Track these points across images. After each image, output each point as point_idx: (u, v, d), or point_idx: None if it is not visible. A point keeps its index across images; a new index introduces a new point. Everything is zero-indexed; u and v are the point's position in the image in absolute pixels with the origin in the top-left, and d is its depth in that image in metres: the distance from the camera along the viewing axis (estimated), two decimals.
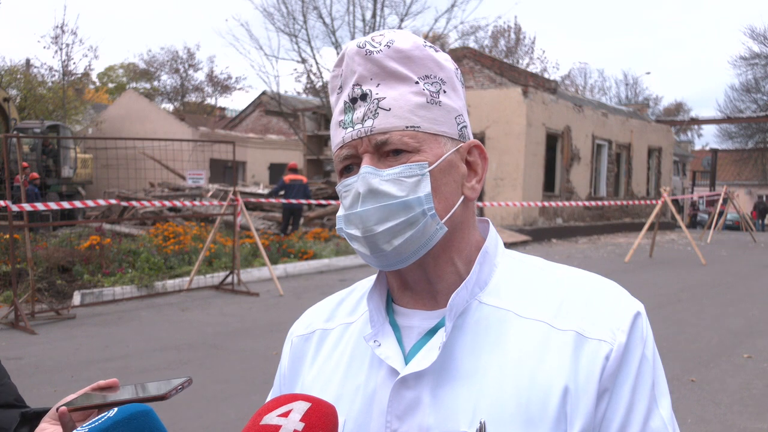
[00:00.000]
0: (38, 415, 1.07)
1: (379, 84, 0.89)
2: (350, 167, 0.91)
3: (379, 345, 0.91)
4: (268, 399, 1.07)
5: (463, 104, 0.95)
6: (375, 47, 0.89)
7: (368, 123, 0.88)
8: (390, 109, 0.87)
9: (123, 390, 0.98)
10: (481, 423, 0.82)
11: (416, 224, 0.86)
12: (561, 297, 0.89)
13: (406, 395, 0.87)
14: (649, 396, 0.84)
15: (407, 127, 0.87)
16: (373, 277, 0.99)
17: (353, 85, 0.90)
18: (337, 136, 0.92)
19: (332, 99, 0.95)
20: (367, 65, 0.89)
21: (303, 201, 13.48)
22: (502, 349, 0.86)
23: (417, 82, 0.89)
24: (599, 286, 0.91)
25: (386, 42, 0.90)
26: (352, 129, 0.89)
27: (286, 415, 0.78)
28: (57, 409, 0.95)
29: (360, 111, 0.89)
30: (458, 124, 0.93)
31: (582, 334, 0.84)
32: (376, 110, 0.88)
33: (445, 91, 0.91)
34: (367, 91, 0.89)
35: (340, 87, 0.93)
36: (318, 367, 0.99)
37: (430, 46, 0.93)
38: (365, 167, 0.87)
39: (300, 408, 0.79)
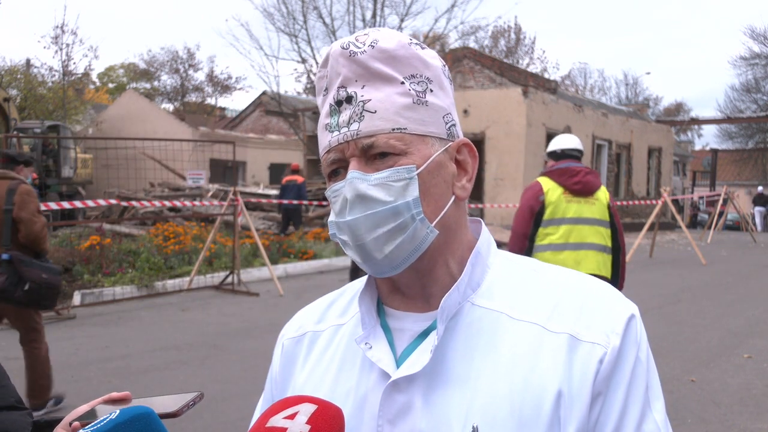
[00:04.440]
0: (50, 425, 1.06)
1: (364, 86, 0.87)
2: (338, 171, 0.89)
3: (371, 347, 0.90)
4: (260, 403, 1.07)
5: (451, 102, 0.93)
6: (359, 48, 0.87)
7: (354, 126, 0.86)
8: (376, 111, 0.86)
9: (135, 403, 0.97)
10: (473, 428, 0.81)
11: (405, 230, 0.85)
12: (554, 299, 0.88)
13: (397, 399, 0.86)
14: (642, 399, 0.83)
15: (393, 129, 0.86)
16: (365, 278, 0.98)
17: (338, 87, 0.88)
18: (324, 139, 0.90)
19: (318, 100, 0.94)
20: (351, 66, 0.87)
21: (294, 201, 13.85)
22: (495, 352, 0.85)
23: (402, 83, 0.87)
24: (593, 288, 0.90)
25: (370, 42, 0.88)
26: (338, 132, 0.88)
27: (292, 417, 0.78)
28: (70, 424, 0.94)
29: (346, 114, 0.87)
30: (446, 123, 0.91)
31: (576, 337, 0.83)
32: (361, 113, 0.86)
33: (432, 90, 0.89)
34: (352, 94, 0.87)
35: (326, 89, 0.91)
36: (309, 370, 0.98)
37: (416, 44, 0.91)
38: (352, 172, 0.86)
39: (306, 410, 0.78)
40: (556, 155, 4.51)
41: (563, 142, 4.58)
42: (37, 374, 4.73)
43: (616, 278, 4.44)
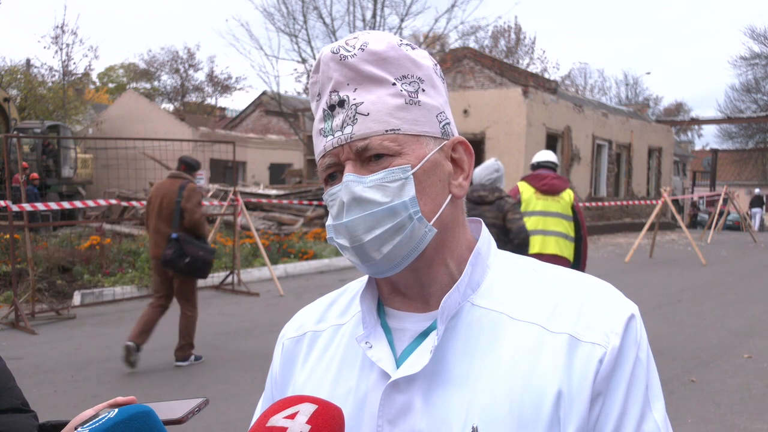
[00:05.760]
0: (55, 428, 1.06)
1: (356, 89, 0.87)
2: (334, 175, 0.90)
3: (371, 347, 0.90)
4: (260, 403, 1.07)
5: (444, 101, 0.93)
6: (349, 51, 0.88)
7: (348, 130, 0.86)
8: (368, 113, 0.86)
9: None
10: (473, 428, 0.81)
11: (403, 229, 0.85)
12: (555, 299, 0.88)
13: (397, 399, 0.86)
14: (642, 399, 0.83)
15: (387, 130, 0.86)
16: (365, 277, 0.98)
17: (330, 91, 0.89)
18: (319, 144, 0.91)
19: (312, 106, 0.94)
20: (342, 70, 0.88)
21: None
22: (495, 353, 0.85)
23: (394, 84, 0.88)
24: (593, 288, 0.90)
25: (360, 45, 0.88)
26: (332, 137, 0.88)
27: (292, 417, 0.78)
28: (75, 428, 0.95)
29: (339, 118, 0.88)
30: (440, 122, 0.91)
31: (576, 338, 0.83)
32: (354, 116, 0.86)
33: (424, 90, 0.89)
34: (345, 97, 0.87)
35: (319, 94, 0.91)
36: (309, 370, 0.98)
37: (407, 44, 0.91)
38: (348, 175, 0.86)
39: (306, 410, 0.78)
40: (534, 166, 5.97)
41: (539, 156, 6.04)
42: (182, 335, 6.07)
43: (578, 261, 5.69)
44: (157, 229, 6.00)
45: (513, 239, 4.91)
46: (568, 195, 5.69)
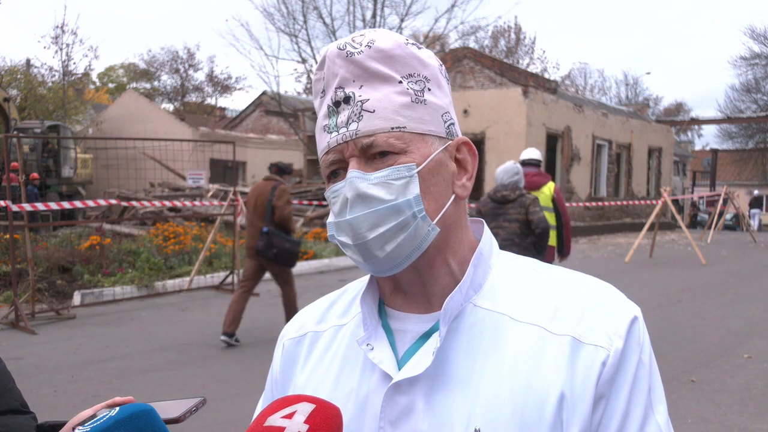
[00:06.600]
0: (53, 429, 1.06)
1: (361, 86, 0.87)
2: (337, 172, 0.89)
3: (372, 348, 0.89)
4: (260, 403, 1.06)
5: (449, 101, 0.93)
6: (355, 48, 0.87)
7: (353, 126, 0.86)
8: (374, 110, 0.86)
9: None
10: (476, 430, 0.81)
11: (407, 227, 0.85)
12: (557, 300, 0.87)
13: (399, 401, 0.86)
14: (645, 402, 0.82)
15: (393, 128, 0.85)
16: (366, 278, 0.97)
17: (336, 88, 0.88)
18: (323, 141, 0.90)
19: (316, 103, 0.94)
20: (348, 67, 0.87)
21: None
22: (498, 354, 0.85)
23: (400, 82, 0.87)
24: (595, 290, 0.89)
25: (367, 42, 0.88)
26: (336, 133, 0.87)
27: (290, 416, 0.77)
28: (73, 429, 0.95)
29: (344, 114, 0.87)
30: (445, 122, 0.90)
31: (578, 340, 0.83)
32: (360, 113, 0.86)
33: (429, 89, 0.89)
34: (350, 94, 0.87)
35: (323, 91, 0.91)
36: (310, 370, 0.97)
37: (413, 44, 0.91)
38: (352, 171, 0.85)
39: (304, 409, 0.78)
40: (521, 163, 6.51)
41: (524, 153, 6.77)
42: (288, 310, 6.92)
43: (561, 246, 6.41)
44: (252, 224, 6.85)
45: (534, 229, 5.45)
46: (548, 189, 6.43)
